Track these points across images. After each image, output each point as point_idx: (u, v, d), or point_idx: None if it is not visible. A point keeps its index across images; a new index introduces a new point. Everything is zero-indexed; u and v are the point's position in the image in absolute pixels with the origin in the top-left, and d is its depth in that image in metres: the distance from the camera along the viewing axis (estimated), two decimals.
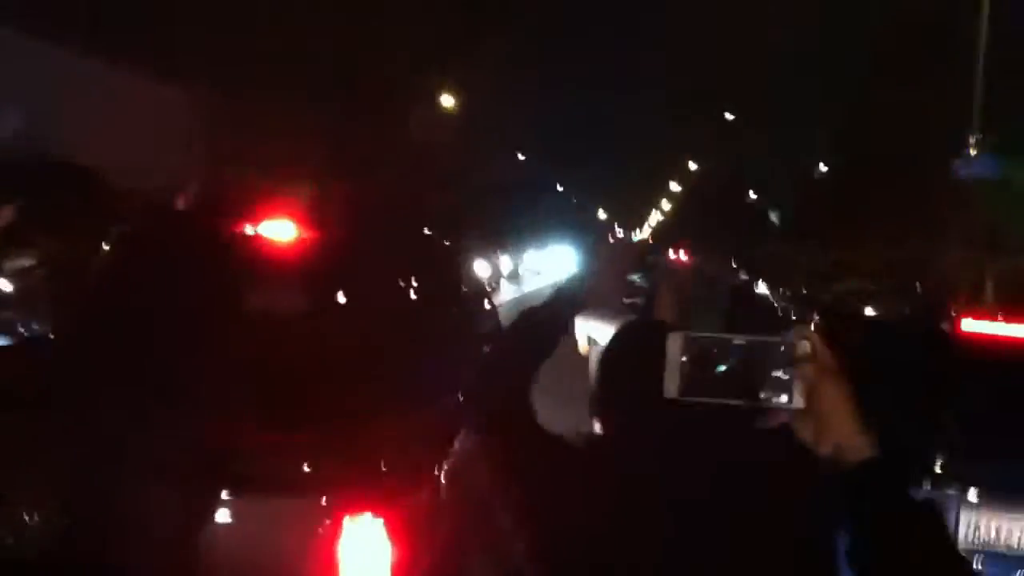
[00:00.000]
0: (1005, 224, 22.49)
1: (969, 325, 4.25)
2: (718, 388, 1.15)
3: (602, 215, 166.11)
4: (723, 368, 1.14)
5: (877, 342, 4.22)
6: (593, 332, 7.04)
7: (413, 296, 4.15)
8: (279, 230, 4.52)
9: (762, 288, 34.57)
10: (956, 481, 3.73)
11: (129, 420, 2.50)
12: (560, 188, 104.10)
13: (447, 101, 40.02)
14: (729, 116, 61.60)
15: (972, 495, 3.74)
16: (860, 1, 32.50)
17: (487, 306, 5.17)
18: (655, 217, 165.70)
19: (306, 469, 2.82)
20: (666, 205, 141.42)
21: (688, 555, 1.76)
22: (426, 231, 5.98)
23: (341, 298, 4.20)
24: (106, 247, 4.30)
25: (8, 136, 12.36)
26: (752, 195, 65.47)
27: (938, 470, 3.70)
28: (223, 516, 2.77)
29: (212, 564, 2.78)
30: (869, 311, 5.29)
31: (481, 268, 28.65)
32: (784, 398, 1.15)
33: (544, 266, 42.71)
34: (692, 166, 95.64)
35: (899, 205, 28.65)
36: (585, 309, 2.11)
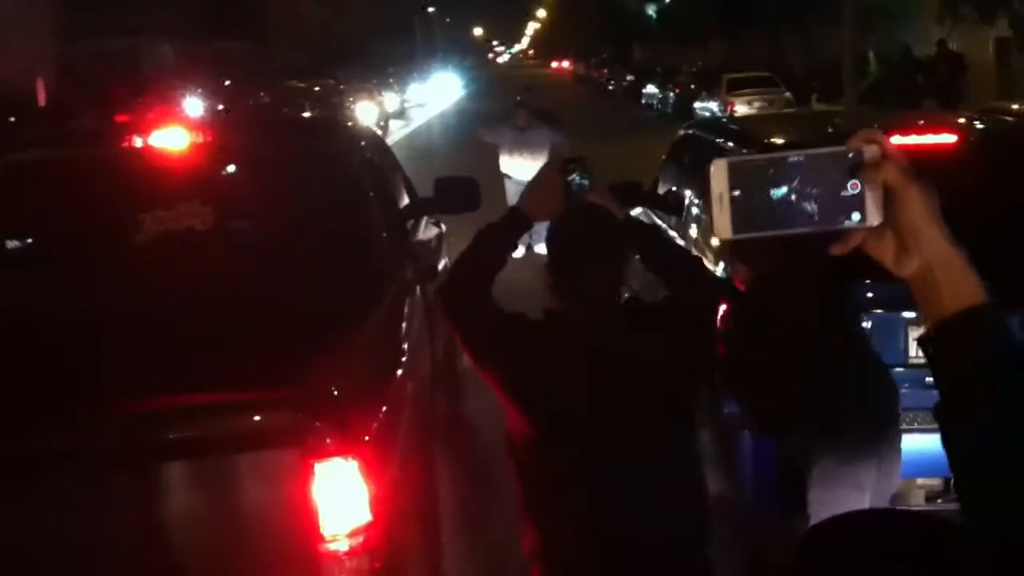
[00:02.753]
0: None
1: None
2: (777, 217, 0.98)
3: (477, 31, 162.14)
4: (780, 193, 0.97)
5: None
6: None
7: (335, 203, 3.77)
8: (171, 138, 4.11)
9: (650, 89, 34.56)
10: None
11: None
12: (430, 9, 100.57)
13: None
14: None
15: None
16: None
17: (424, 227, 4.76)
18: (531, 27, 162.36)
19: (259, 420, 2.61)
20: (541, 12, 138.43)
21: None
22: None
23: (250, 207, 3.83)
24: None
25: None
26: None
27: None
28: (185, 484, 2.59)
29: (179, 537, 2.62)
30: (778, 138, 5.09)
31: (366, 110, 27.74)
32: (856, 216, 0.97)
33: (429, 97, 41.62)
34: None
35: None
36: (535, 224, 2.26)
